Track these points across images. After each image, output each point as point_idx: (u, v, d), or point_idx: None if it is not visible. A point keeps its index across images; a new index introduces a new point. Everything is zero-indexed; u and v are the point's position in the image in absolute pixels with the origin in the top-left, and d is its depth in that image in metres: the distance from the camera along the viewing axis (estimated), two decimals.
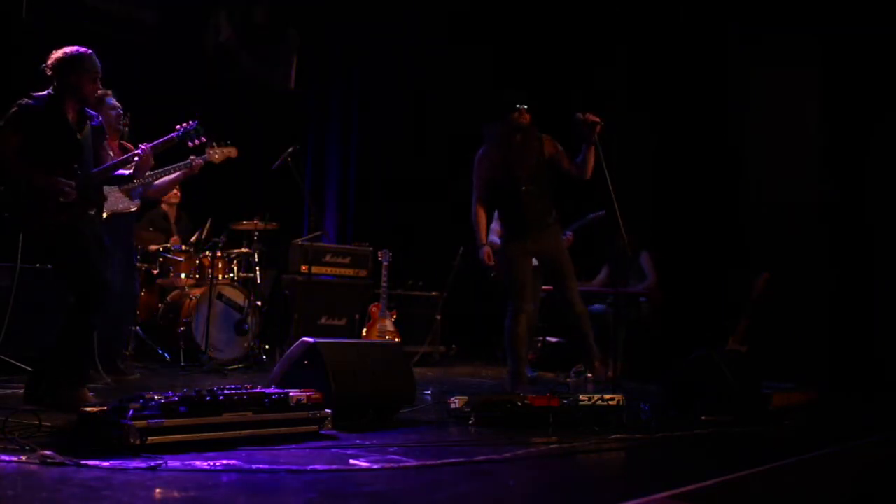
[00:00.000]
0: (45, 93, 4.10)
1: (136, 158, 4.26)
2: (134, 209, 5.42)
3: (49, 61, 4.11)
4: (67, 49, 4.12)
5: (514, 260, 5.18)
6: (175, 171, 5.52)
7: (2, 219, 4.03)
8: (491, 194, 5.30)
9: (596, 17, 8.16)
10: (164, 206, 6.92)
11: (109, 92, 5.23)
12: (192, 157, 5.53)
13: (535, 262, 5.41)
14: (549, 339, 7.47)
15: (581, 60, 8.07)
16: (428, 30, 9.08)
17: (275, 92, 8.73)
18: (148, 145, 4.30)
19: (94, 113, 4.34)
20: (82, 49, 4.15)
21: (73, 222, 4.03)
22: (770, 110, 7.50)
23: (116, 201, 5.26)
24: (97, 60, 4.16)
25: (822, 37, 7.14)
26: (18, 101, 4.06)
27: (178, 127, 4.37)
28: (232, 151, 5.75)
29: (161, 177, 5.51)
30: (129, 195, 5.37)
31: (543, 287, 6.36)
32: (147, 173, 5.44)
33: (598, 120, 4.93)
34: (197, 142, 4.43)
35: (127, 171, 4.30)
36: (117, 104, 5.27)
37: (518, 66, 8.36)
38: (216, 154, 5.65)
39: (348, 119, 9.40)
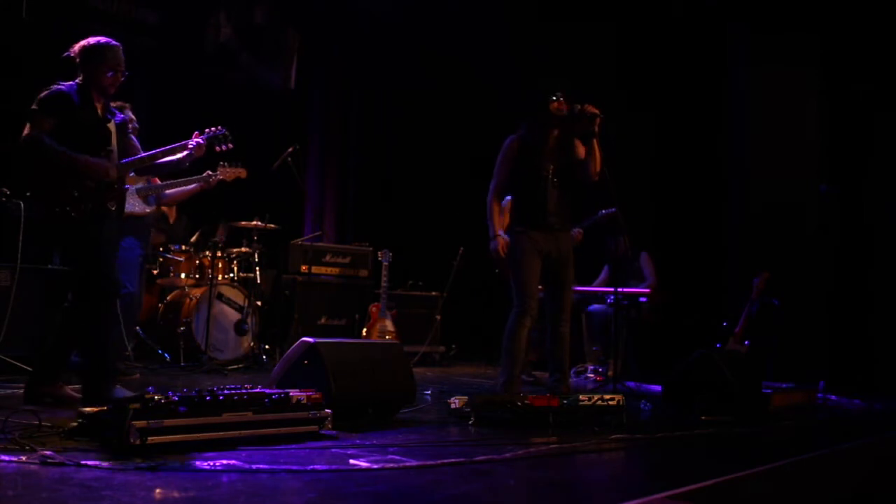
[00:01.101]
0: (74, 81, 4.07)
1: (186, 152, 4.26)
2: (149, 211, 5.45)
3: (74, 49, 4.09)
4: (91, 39, 4.09)
5: (523, 258, 4.84)
6: (191, 184, 5.56)
7: (24, 198, 3.99)
8: (514, 182, 4.96)
9: (596, 16, 8.16)
10: (163, 207, 6.92)
11: (128, 105, 5.21)
12: (207, 171, 5.56)
13: None
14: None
15: (580, 60, 8.06)
16: (428, 29, 9.07)
17: (275, 92, 8.73)
18: (201, 137, 4.29)
19: (115, 110, 4.32)
20: (105, 39, 4.10)
21: (92, 217, 3.97)
22: (770, 110, 7.50)
23: (133, 204, 5.27)
24: (121, 54, 4.11)
25: (822, 37, 7.14)
26: (50, 86, 4.01)
27: (206, 131, 4.35)
28: (241, 172, 5.80)
29: (176, 186, 5.53)
30: (146, 200, 5.38)
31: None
32: (161, 182, 5.48)
33: (597, 112, 4.75)
34: (224, 147, 4.40)
35: (174, 158, 4.29)
36: (133, 117, 5.25)
37: (518, 67, 8.36)
38: (227, 172, 5.71)
39: (348, 119, 9.39)
